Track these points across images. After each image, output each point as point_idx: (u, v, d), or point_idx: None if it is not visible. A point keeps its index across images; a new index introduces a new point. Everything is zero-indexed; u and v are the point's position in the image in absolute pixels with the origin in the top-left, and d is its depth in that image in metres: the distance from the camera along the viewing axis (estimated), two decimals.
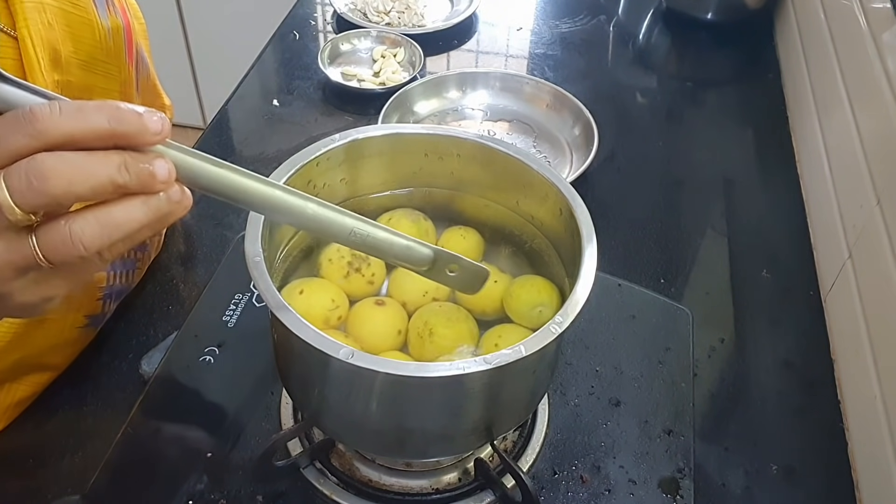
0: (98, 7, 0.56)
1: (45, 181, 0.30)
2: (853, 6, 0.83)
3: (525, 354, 0.41)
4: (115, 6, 0.58)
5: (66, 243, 0.31)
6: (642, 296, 0.72)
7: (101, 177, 0.31)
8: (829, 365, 0.71)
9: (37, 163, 0.30)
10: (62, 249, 0.32)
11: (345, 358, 0.39)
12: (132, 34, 0.60)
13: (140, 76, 0.64)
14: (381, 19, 1.13)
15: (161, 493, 0.55)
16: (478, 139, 0.54)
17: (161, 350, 0.64)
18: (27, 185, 0.30)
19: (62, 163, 0.30)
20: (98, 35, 0.55)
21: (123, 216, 0.32)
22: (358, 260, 0.54)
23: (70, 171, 0.30)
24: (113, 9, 0.58)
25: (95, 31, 0.55)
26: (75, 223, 0.31)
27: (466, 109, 0.96)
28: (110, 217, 0.32)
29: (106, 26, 0.56)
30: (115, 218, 0.32)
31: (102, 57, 0.56)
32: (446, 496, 0.56)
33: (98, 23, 0.55)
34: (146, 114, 0.32)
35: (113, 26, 0.57)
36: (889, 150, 0.68)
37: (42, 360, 0.61)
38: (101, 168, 0.31)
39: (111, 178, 0.31)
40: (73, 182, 0.30)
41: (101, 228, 0.32)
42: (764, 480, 0.61)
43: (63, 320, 0.60)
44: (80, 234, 0.31)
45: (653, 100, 1.06)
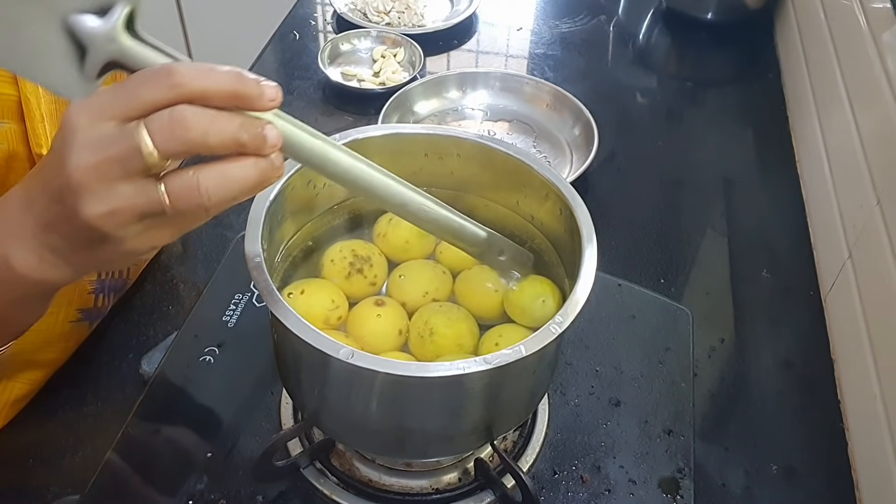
0: None
1: (186, 129, 0.32)
2: (853, 6, 0.83)
3: (525, 354, 0.41)
4: None
5: (194, 191, 0.34)
6: (642, 296, 0.72)
7: (228, 132, 0.34)
8: (829, 365, 0.71)
9: (179, 111, 0.32)
10: (188, 197, 0.34)
11: (345, 358, 0.40)
12: None
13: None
14: (381, 19, 1.13)
15: (161, 493, 0.55)
16: (478, 139, 0.54)
17: (161, 350, 0.64)
18: (170, 131, 0.32)
19: (201, 114, 0.33)
20: None
21: (240, 173, 0.35)
22: (360, 261, 0.54)
23: (206, 123, 0.33)
24: None
25: None
26: (202, 173, 0.34)
27: (466, 109, 0.96)
28: (230, 172, 0.35)
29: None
30: (234, 173, 0.35)
31: None
32: (446, 496, 0.56)
33: None
34: (264, 82, 0.35)
35: None
36: (889, 150, 0.68)
37: (36, 356, 0.60)
38: (228, 125, 0.34)
39: (235, 135, 0.34)
40: (209, 133, 0.33)
41: (222, 181, 0.34)
42: (764, 480, 0.61)
43: (55, 314, 0.60)
44: (206, 183, 0.34)
45: (653, 100, 1.06)
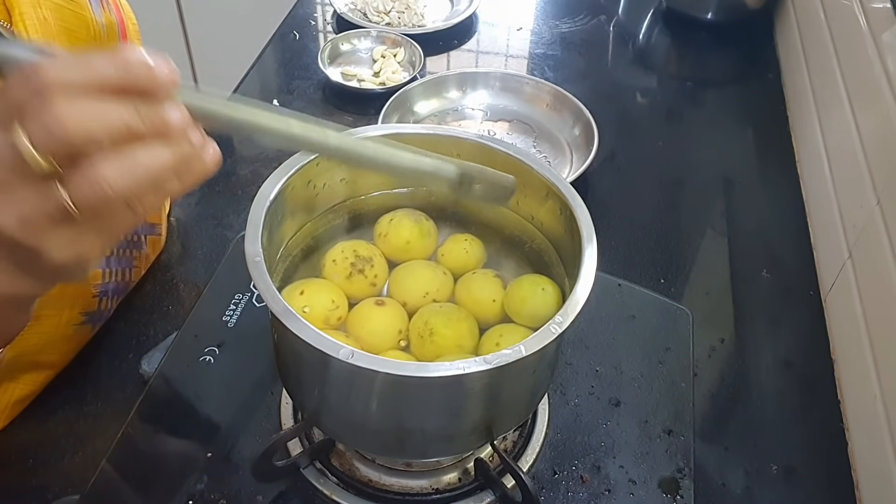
0: (92, 3, 0.56)
1: (62, 125, 0.30)
2: (853, 6, 0.83)
3: (525, 354, 0.41)
4: (108, 3, 0.58)
5: (93, 184, 0.31)
6: (642, 296, 0.72)
7: (114, 120, 0.31)
8: (829, 365, 0.71)
9: (52, 108, 0.30)
10: (89, 192, 0.32)
11: (345, 358, 0.39)
12: (126, 31, 0.61)
13: None
14: (381, 19, 1.13)
15: (161, 493, 0.55)
16: (478, 139, 0.54)
17: (161, 350, 0.64)
18: (46, 130, 0.30)
19: (76, 107, 0.30)
20: (93, 31, 0.55)
21: (147, 157, 0.32)
22: (361, 261, 0.54)
23: (85, 115, 0.30)
24: (107, 5, 0.58)
25: (90, 27, 0.55)
26: (99, 164, 0.32)
27: (466, 109, 0.96)
28: (134, 158, 0.32)
29: (100, 22, 0.56)
30: (138, 159, 0.32)
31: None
32: (446, 496, 0.56)
33: (92, 19, 0.55)
34: (156, 64, 0.32)
35: (107, 22, 0.57)
36: (889, 150, 0.68)
37: (39, 358, 0.60)
38: (115, 112, 0.31)
39: (124, 121, 0.31)
40: (90, 125, 0.30)
41: (126, 169, 0.32)
42: (764, 480, 0.61)
43: (58, 317, 0.60)
44: (104, 174, 0.31)
45: (653, 100, 1.06)
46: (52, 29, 0.51)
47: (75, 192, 0.32)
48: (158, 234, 0.74)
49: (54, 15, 0.52)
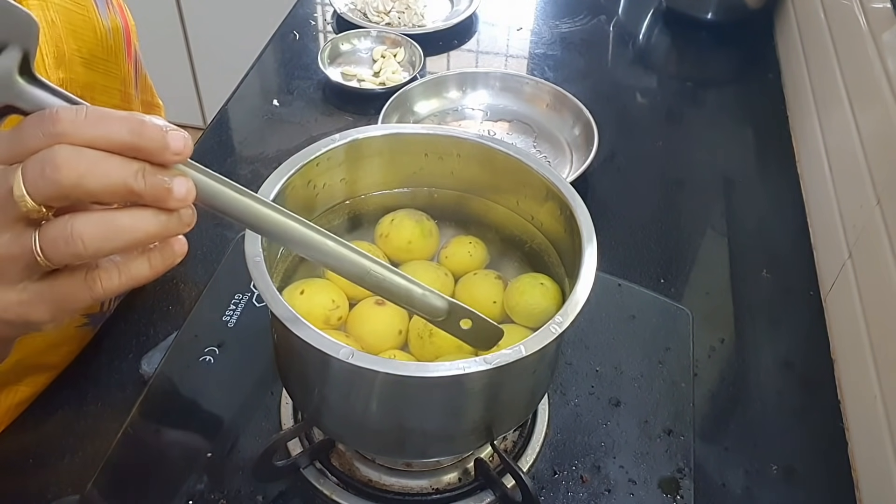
0: (98, 6, 0.56)
1: (56, 170, 0.30)
2: (853, 6, 0.83)
3: (525, 354, 0.41)
4: (113, 6, 0.59)
5: (66, 237, 0.31)
6: (642, 296, 0.72)
7: (115, 177, 0.31)
8: (829, 365, 0.71)
9: (53, 152, 0.30)
10: (62, 245, 0.31)
11: (345, 358, 0.39)
12: (130, 34, 0.61)
13: (138, 75, 0.65)
14: (381, 19, 1.13)
15: (161, 493, 0.55)
16: (478, 139, 0.54)
17: (161, 350, 0.64)
18: (40, 173, 0.30)
19: (77, 156, 0.30)
20: (99, 33, 0.56)
21: (129, 222, 0.32)
22: None
23: (84, 165, 0.30)
24: (112, 8, 0.58)
25: (96, 29, 0.55)
26: (78, 219, 0.31)
27: (466, 109, 0.96)
28: (114, 220, 0.31)
29: (106, 25, 0.57)
30: (119, 221, 0.32)
31: (103, 55, 0.57)
32: (446, 496, 0.56)
33: (99, 21, 0.56)
34: (170, 131, 0.31)
35: (113, 25, 0.58)
36: (889, 150, 0.68)
37: (42, 361, 0.61)
38: (118, 169, 0.31)
39: (125, 181, 0.31)
40: (85, 176, 0.30)
41: (104, 229, 0.31)
42: (764, 480, 0.61)
43: None
44: (81, 229, 0.31)
45: (653, 100, 1.06)
46: (59, 31, 0.52)
47: (47, 239, 0.31)
48: None
49: (62, 17, 0.52)
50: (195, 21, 1.91)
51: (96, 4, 0.56)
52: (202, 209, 0.35)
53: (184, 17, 1.89)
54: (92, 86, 0.56)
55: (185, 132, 0.32)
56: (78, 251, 0.31)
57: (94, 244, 0.31)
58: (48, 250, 0.32)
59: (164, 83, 0.74)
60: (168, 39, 1.90)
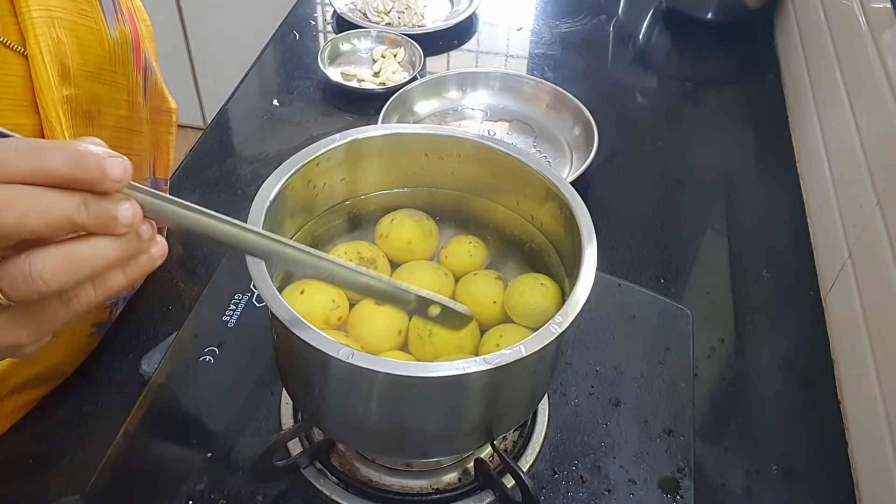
0: (107, 17, 0.55)
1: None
2: (853, 6, 0.83)
3: (525, 354, 0.41)
4: (123, 14, 0.57)
5: (25, 277, 0.30)
6: (642, 296, 0.72)
7: (56, 212, 0.29)
8: (829, 365, 0.71)
9: None
10: (21, 284, 0.30)
11: (345, 358, 0.39)
12: (140, 41, 0.60)
13: (148, 82, 0.64)
14: (381, 19, 1.13)
15: (161, 493, 0.55)
16: (478, 139, 0.54)
17: (161, 350, 0.64)
18: None
19: (15, 195, 0.29)
20: (106, 45, 0.54)
21: (89, 252, 0.31)
22: (365, 263, 0.54)
23: (23, 204, 0.29)
24: (121, 17, 0.57)
25: (104, 42, 0.54)
26: (36, 256, 0.30)
27: (466, 109, 0.96)
28: (75, 252, 0.31)
29: (114, 37, 0.55)
30: (79, 253, 0.31)
31: (110, 67, 0.56)
32: (446, 496, 0.56)
33: (106, 33, 0.54)
34: (109, 159, 0.30)
35: (121, 36, 0.56)
36: (889, 150, 0.68)
37: (52, 371, 0.61)
38: (58, 204, 0.29)
39: (68, 214, 0.30)
40: (26, 215, 0.29)
41: (64, 263, 0.30)
42: (764, 480, 0.61)
43: (73, 331, 0.60)
44: (40, 268, 0.30)
45: (653, 100, 1.06)
46: (65, 47, 0.50)
47: (6, 280, 0.30)
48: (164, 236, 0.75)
49: (68, 32, 0.51)
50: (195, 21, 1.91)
51: (104, 14, 0.55)
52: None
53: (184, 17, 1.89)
54: (98, 98, 0.55)
55: (122, 157, 0.31)
56: (40, 289, 0.30)
57: (57, 280, 0.30)
58: (8, 291, 0.31)
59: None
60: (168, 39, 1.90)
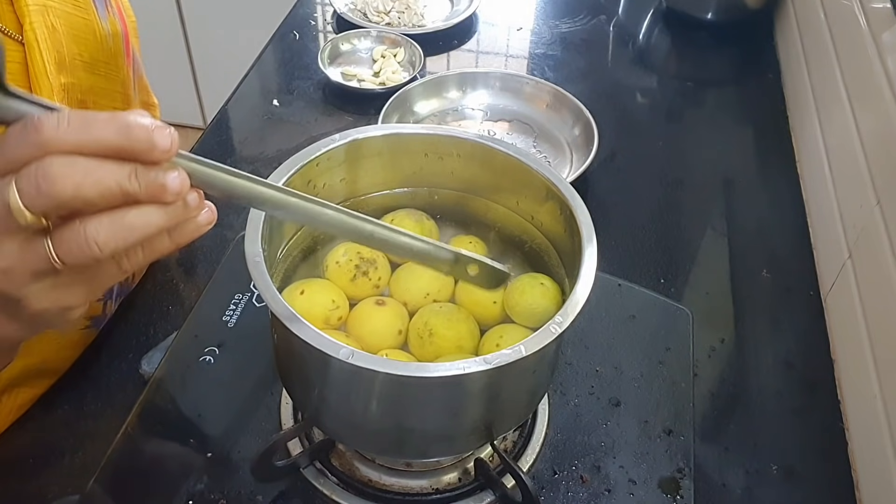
0: (98, 10, 0.56)
1: (52, 184, 0.30)
2: (853, 6, 0.83)
3: (525, 354, 0.41)
4: (112, 7, 0.59)
5: (80, 243, 0.32)
6: (642, 296, 0.72)
7: (109, 182, 0.31)
8: (829, 365, 0.71)
9: (45, 165, 0.30)
10: (76, 250, 0.32)
11: (345, 358, 0.40)
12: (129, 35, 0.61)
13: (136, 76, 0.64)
14: (381, 19, 1.13)
15: (161, 493, 0.55)
16: (478, 139, 0.54)
17: (161, 350, 0.64)
18: (36, 187, 0.30)
19: (71, 166, 0.30)
20: (99, 37, 0.56)
21: (139, 219, 0.32)
22: (366, 264, 0.54)
23: (78, 175, 0.30)
24: (111, 10, 0.58)
25: (97, 33, 0.55)
26: (90, 224, 0.32)
27: (466, 109, 0.96)
28: (125, 219, 0.32)
29: (106, 28, 0.56)
30: (129, 220, 0.32)
31: (104, 58, 0.57)
32: (446, 496, 0.56)
33: (99, 25, 0.56)
34: (157, 129, 0.32)
35: (112, 29, 0.57)
36: (889, 150, 0.68)
37: (47, 366, 0.61)
38: (111, 174, 0.31)
39: (120, 184, 0.31)
40: (81, 186, 0.31)
41: (116, 230, 0.32)
42: (764, 480, 0.61)
43: None
44: (94, 234, 0.32)
45: (653, 100, 1.06)
46: (60, 36, 0.51)
47: (63, 247, 0.32)
48: None
49: (62, 21, 0.52)
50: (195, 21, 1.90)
51: (96, 7, 0.56)
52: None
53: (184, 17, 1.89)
54: (94, 90, 0.56)
55: (170, 128, 0.32)
56: (95, 254, 0.32)
57: (110, 246, 0.32)
58: (65, 257, 0.32)
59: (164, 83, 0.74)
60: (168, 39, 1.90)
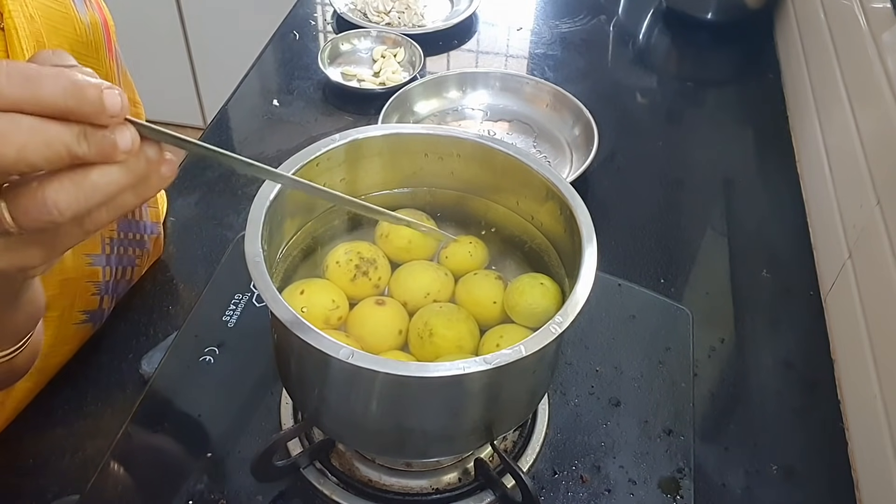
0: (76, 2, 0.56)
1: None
2: (853, 6, 0.83)
3: (525, 354, 0.41)
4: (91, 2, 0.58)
5: (39, 207, 0.29)
6: (642, 296, 0.72)
7: (56, 146, 0.29)
8: (829, 365, 0.71)
9: None
10: (34, 214, 0.30)
11: (345, 358, 0.39)
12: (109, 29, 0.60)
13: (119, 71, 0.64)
14: (381, 19, 1.13)
15: (161, 493, 0.55)
16: (478, 139, 0.54)
17: (161, 350, 0.64)
18: None
19: (15, 127, 0.28)
20: (78, 29, 0.55)
21: (102, 179, 0.30)
22: (366, 263, 0.54)
23: (22, 137, 0.28)
24: (90, 4, 0.58)
25: (75, 25, 0.55)
26: (49, 186, 0.29)
27: (466, 109, 0.96)
28: (87, 180, 0.30)
29: (85, 21, 0.56)
30: (92, 181, 0.30)
31: (84, 51, 0.56)
32: (446, 496, 0.56)
33: (77, 17, 0.55)
34: (106, 90, 0.29)
35: (91, 21, 0.57)
36: (889, 150, 0.68)
37: (43, 362, 0.61)
38: (59, 136, 0.29)
39: (68, 147, 0.29)
40: (26, 149, 0.28)
41: (78, 192, 0.30)
42: (764, 480, 0.61)
43: (58, 318, 0.60)
44: (54, 197, 0.29)
45: (653, 100, 1.06)
46: (38, 26, 0.51)
47: (19, 210, 0.30)
48: (158, 233, 0.74)
49: (41, 13, 0.52)
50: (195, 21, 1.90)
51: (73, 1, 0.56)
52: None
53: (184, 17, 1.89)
54: None
55: (118, 89, 0.30)
56: (55, 219, 0.30)
57: (71, 209, 0.30)
58: (21, 220, 0.30)
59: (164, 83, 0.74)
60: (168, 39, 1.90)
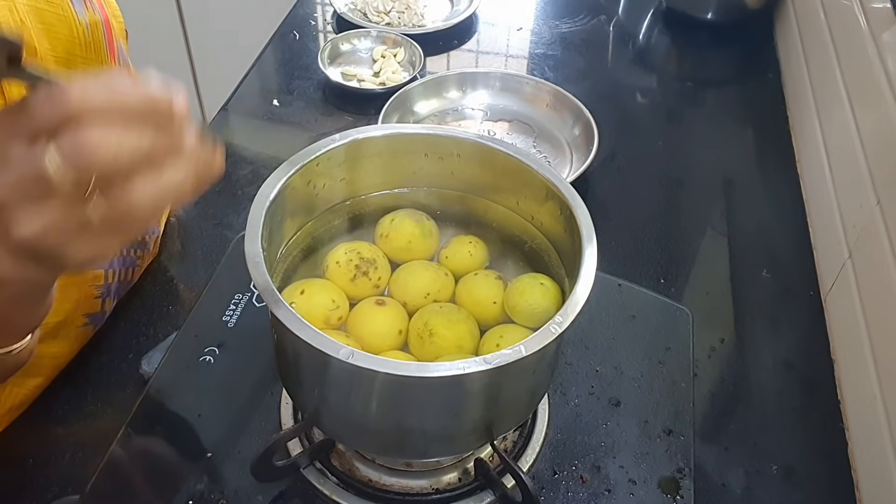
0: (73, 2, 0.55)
1: (91, 153, 0.31)
2: (853, 6, 0.83)
3: (525, 354, 0.41)
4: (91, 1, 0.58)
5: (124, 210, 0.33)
6: (642, 296, 0.72)
7: (140, 147, 0.32)
8: (829, 365, 0.71)
9: (84, 134, 0.31)
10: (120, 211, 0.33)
11: (345, 358, 0.40)
12: (111, 29, 0.60)
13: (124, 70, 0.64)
14: (381, 19, 1.13)
15: (161, 493, 0.55)
16: (478, 139, 0.54)
17: (161, 350, 0.64)
18: (78, 155, 0.31)
19: (106, 135, 0.31)
20: (75, 30, 0.55)
21: (174, 176, 0.33)
22: (365, 263, 0.54)
23: (114, 142, 0.31)
24: (90, 4, 0.57)
25: (72, 26, 0.54)
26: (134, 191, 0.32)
27: (466, 109, 0.96)
28: (162, 179, 0.33)
29: (84, 21, 0.55)
30: (166, 178, 0.33)
31: (81, 52, 0.56)
32: (446, 496, 0.56)
33: (74, 18, 0.54)
34: (175, 98, 0.33)
35: (91, 21, 0.56)
36: (889, 150, 0.68)
37: (43, 361, 0.61)
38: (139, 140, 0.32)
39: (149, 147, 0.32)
40: (119, 153, 0.31)
41: (158, 193, 0.33)
42: (764, 480, 0.61)
43: (62, 321, 0.60)
44: (138, 201, 0.32)
45: (653, 100, 1.06)
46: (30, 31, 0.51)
47: (106, 210, 0.32)
48: (159, 233, 0.75)
49: (32, 17, 0.51)
50: (195, 21, 1.90)
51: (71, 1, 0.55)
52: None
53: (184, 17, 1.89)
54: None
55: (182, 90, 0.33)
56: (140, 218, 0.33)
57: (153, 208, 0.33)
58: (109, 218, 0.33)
59: None
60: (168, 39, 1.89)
